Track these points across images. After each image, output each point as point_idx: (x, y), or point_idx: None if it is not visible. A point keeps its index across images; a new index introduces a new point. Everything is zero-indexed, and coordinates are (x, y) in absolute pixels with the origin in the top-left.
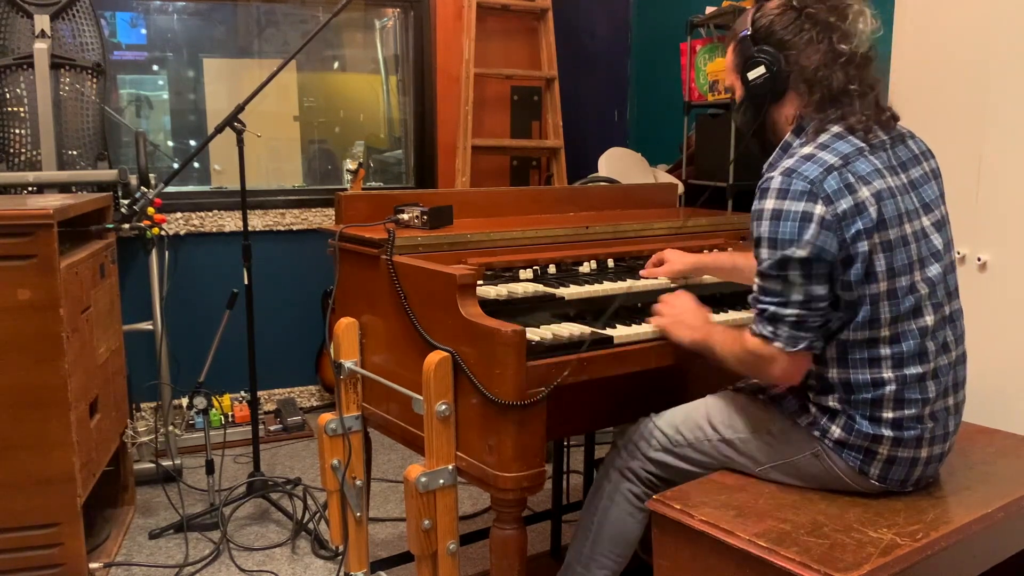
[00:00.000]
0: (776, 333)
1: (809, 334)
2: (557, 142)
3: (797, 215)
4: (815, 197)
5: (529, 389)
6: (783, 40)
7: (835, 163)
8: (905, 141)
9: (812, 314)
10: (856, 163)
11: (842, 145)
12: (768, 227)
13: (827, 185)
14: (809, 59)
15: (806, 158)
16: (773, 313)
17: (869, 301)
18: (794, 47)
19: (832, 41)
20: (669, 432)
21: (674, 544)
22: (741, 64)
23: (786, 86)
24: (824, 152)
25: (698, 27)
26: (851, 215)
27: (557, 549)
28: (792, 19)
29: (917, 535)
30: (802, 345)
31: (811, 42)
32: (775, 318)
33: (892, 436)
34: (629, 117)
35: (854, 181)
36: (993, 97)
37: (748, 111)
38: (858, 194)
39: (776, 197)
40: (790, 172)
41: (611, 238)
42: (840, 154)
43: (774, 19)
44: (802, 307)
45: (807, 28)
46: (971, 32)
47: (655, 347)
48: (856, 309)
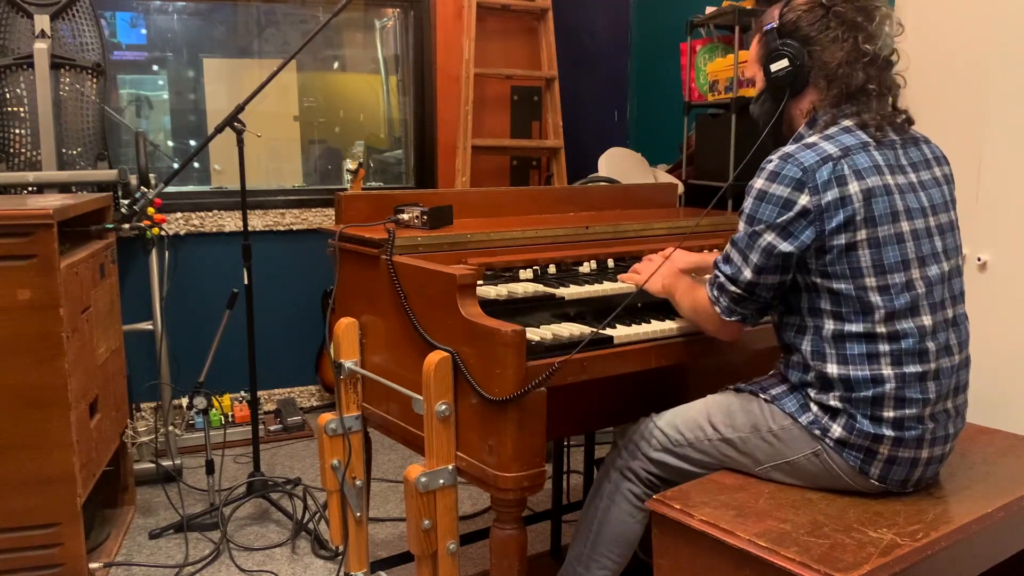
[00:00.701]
0: (718, 300)
1: (745, 311)
2: (557, 142)
3: (780, 200)
4: (803, 186)
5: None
6: (808, 36)
7: (834, 153)
8: (919, 144)
9: (752, 298)
10: (856, 156)
11: (846, 137)
12: (751, 204)
13: (818, 175)
14: (832, 56)
15: (807, 146)
16: (721, 283)
17: (856, 295)
18: (818, 43)
19: (857, 41)
20: (669, 432)
21: (674, 544)
22: (765, 56)
23: (806, 81)
24: (826, 142)
25: (698, 27)
26: (834, 207)
27: (557, 549)
28: (819, 16)
29: (917, 535)
30: (735, 318)
31: (836, 40)
32: (721, 287)
33: (893, 436)
34: (629, 117)
35: (847, 174)
36: (993, 97)
37: (767, 102)
38: (846, 188)
39: (767, 178)
40: (787, 156)
41: (611, 238)
42: (842, 145)
43: (801, 15)
44: (746, 289)
45: (833, 26)
46: (971, 32)
47: (655, 347)
48: (840, 298)
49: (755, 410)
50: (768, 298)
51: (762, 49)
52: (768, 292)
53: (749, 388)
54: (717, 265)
